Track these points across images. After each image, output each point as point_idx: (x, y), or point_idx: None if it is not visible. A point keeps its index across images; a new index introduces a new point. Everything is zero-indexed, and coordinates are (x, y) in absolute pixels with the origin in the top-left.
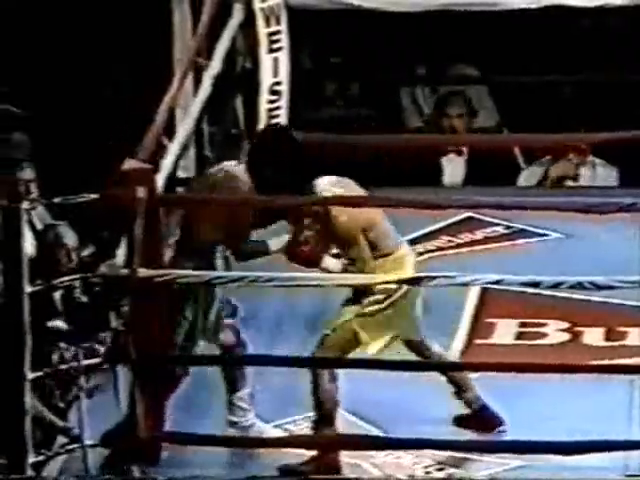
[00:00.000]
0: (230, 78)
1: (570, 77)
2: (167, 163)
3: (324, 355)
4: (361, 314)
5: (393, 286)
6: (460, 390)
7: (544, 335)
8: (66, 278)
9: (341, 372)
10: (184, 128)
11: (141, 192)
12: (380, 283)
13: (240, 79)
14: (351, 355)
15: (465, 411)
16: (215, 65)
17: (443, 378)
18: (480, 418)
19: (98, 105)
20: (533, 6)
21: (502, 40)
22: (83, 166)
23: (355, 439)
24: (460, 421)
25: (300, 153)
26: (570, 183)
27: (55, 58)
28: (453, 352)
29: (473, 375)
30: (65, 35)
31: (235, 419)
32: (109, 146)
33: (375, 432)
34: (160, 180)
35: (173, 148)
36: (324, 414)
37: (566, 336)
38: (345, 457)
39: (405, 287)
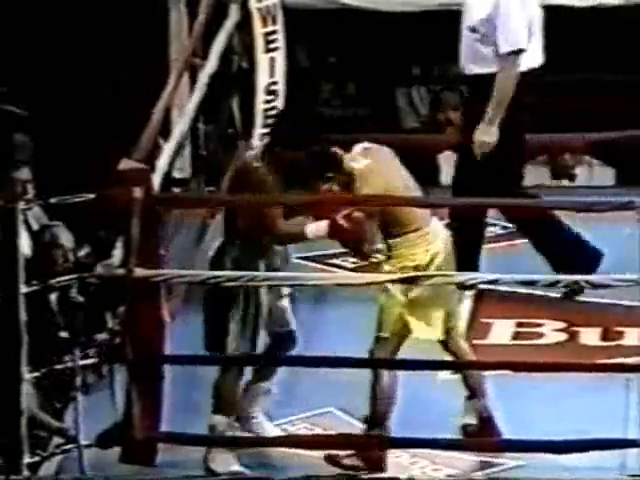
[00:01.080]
0: (226, 78)
1: (567, 77)
2: (162, 163)
3: (380, 354)
4: (404, 303)
5: (414, 259)
6: (473, 396)
7: (541, 335)
8: (62, 278)
9: (339, 372)
10: (179, 128)
11: (137, 192)
12: (382, 282)
13: (236, 79)
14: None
15: (471, 420)
16: (211, 65)
17: (442, 378)
18: (484, 429)
19: (95, 104)
20: None
21: None
22: (80, 166)
23: (352, 438)
24: (466, 430)
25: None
26: (566, 183)
27: (52, 57)
28: None
29: None
30: (62, 35)
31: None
32: (105, 146)
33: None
34: (156, 180)
35: (168, 148)
36: (377, 412)
37: (563, 336)
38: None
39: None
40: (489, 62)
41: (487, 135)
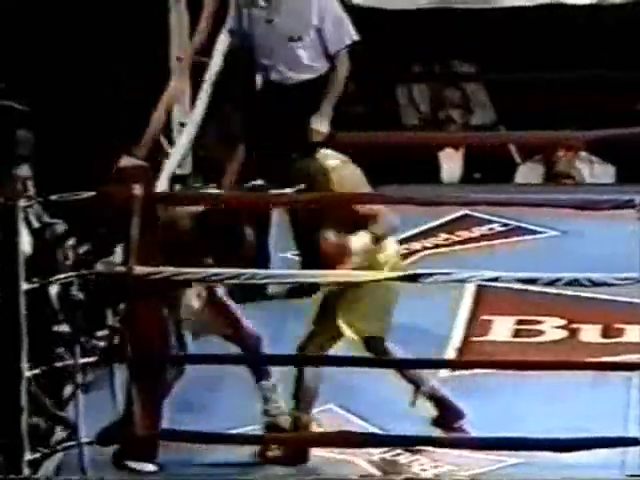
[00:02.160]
0: (227, 76)
1: (566, 74)
2: (171, 163)
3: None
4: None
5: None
6: (418, 386)
7: (541, 332)
8: (62, 276)
9: (339, 369)
10: (188, 128)
11: (137, 189)
12: (380, 280)
13: (237, 77)
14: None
15: (435, 410)
16: (215, 63)
17: (442, 376)
18: (442, 411)
19: (95, 103)
20: (529, 3)
21: (499, 37)
22: (80, 164)
23: (348, 436)
24: (436, 421)
25: None
26: (565, 181)
27: (52, 55)
28: (450, 350)
29: (468, 372)
30: (63, 33)
31: (266, 407)
32: (105, 144)
33: (370, 429)
34: (163, 180)
35: (178, 147)
36: (303, 402)
37: (563, 333)
38: (341, 454)
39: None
40: (314, 66)
41: (322, 125)
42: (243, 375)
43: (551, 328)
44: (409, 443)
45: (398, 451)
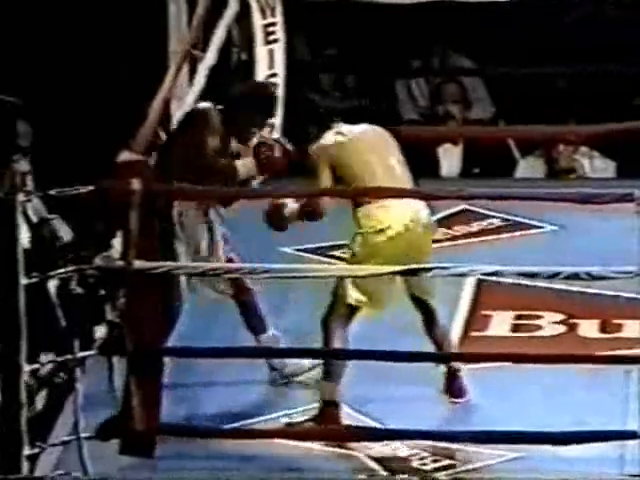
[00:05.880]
0: (226, 70)
1: (565, 68)
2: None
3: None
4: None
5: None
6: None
7: (540, 327)
8: (61, 270)
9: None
10: (177, 120)
11: (135, 184)
12: (380, 275)
13: (236, 71)
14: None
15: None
16: (210, 57)
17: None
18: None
19: (93, 98)
20: None
21: (497, 31)
22: (79, 159)
23: (350, 430)
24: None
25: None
26: (568, 175)
27: (51, 50)
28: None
29: (467, 367)
30: (61, 29)
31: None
32: (104, 138)
33: (370, 424)
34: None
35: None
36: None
37: (562, 328)
38: (341, 449)
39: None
40: None
41: None
42: None
43: (550, 323)
44: (408, 437)
45: (397, 445)
